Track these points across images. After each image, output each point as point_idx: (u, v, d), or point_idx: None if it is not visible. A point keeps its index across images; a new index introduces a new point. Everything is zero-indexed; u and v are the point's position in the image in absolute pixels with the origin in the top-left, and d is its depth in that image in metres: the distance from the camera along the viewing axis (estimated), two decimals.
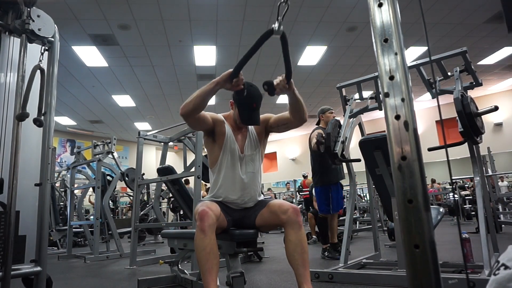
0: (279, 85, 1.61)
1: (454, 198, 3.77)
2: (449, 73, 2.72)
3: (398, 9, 0.80)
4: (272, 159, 15.49)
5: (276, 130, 1.97)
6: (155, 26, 5.92)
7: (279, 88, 1.61)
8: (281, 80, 1.61)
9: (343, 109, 3.16)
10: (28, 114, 1.62)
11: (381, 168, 2.46)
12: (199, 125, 1.85)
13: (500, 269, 0.71)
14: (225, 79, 1.62)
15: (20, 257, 1.81)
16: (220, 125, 1.89)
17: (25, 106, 1.62)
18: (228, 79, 1.62)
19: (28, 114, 1.62)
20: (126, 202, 12.10)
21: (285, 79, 1.60)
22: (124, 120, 11.41)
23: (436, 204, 8.51)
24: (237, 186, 1.85)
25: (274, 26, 1.33)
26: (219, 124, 1.89)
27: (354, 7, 5.67)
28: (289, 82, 1.61)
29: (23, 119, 1.61)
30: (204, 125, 1.84)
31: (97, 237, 4.64)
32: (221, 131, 1.88)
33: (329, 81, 8.76)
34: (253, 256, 3.68)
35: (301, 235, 1.68)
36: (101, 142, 5.22)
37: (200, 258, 1.57)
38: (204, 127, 1.87)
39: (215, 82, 1.64)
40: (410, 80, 0.77)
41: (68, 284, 2.92)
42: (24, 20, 1.72)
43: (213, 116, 1.88)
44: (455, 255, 3.25)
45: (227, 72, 1.62)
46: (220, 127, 1.89)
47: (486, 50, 7.63)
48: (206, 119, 1.82)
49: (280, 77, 1.62)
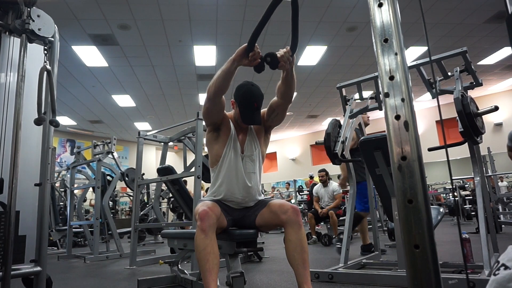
0: (283, 57, 1.51)
1: (454, 198, 3.77)
2: (449, 73, 2.73)
3: (398, 9, 0.80)
4: (272, 159, 15.49)
5: (271, 123, 1.95)
6: (155, 26, 5.92)
7: (283, 61, 1.51)
8: (285, 52, 1.51)
9: (343, 109, 3.16)
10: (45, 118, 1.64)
11: (381, 168, 2.46)
12: (216, 111, 1.81)
13: (500, 269, 0.71)
14: (241, 53, 1.53)
15: (20, 257, 1.81)
16: (227, 121, 1.90)
17: (40, 110, 1.64)
18: (244, 53, 1.52)
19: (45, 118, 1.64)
20: (126, 202, 12.10)
21: (289, 51, 1.49)
22: (124, 120, 11.40)
23: (436, 204, 8.52)
24: (238, 185, 1.85)
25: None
26: (226, 120, 1.90)
27: (354, 7, 5.67)
28: (293, 54, 1.51)
29: (41, 123, 1.63)
30: (218, 114, 1.83)
31: (97, 237, 4.64)
32: (227, 127, 1.89)
33: (329, 81, 8.76)
34: (253, 256, 3.68)
35: (301, 235, 1.68)
36: (101, 142, 5.22)
37: (200, 258, 1.57)
38: (216, 117, 1.85)
39: (232, 60, 1.57)
40: (410, 80, 0.77)
41: (68, 284, 2.92)
42: (24, 20, 1.72)
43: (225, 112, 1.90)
44: (455, 255, 3.25)
45: (242, 47, 1.52)
46: (226, 123, 1.90)
47: (486, 50, 7.63)
48: (222, 109, 1.83)
49: (284, 49, 1.54)
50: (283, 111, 1.86)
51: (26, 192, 1.81)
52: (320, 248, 4.61)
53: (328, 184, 5.51)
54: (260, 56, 1.54)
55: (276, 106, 1.85)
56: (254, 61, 1.54)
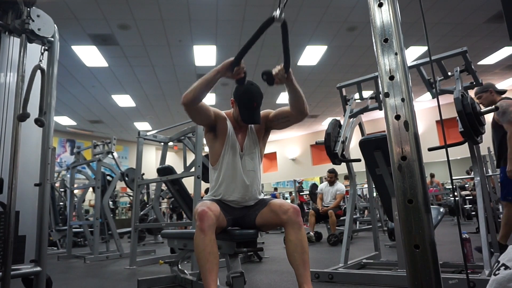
0: (278, 75, 1.61)
1: (454, 198, 3.79)
2: (449, 73, 2.72)
3: (398, 9, 0.80)
4: (272, 159, 15.48)
5: (276, 126, 1.95)
6: (155, 26, 5.92)
7: (277, 78, 1.62)
8: (279, 69, 1.61)
9: (343, 109, 3.16)
10: (29, 114, 1.62)
11: (381, 168, 2.46)
12: (199, 117, 1.83)
13: (500, 269, 0.71)
14: (227, 67, 1.62)
15: (20, 257, 1.81)
16: (223, 121, 1.89)
17: (26, 107, 1.62)
18: (230, 67, 1.61)
19: (29, 114, 1.62)
20: (126, 202, 12.09)
21: (283, 69, 1.60)
22: (124, 120, 11.40)
23: (436, 204, 8.51)
24: (238, 184, 1.85)
25: (275, 13, 1.31)
26: (221, 120, 1.89)
27: (354, 7, 5.66)
28: (287, 72, 1.61)
29: (24, 119, 1.61)
30: (205, 118, 1.83)
31: (97, 237, 4.64)
32: (223, 127, 1.88)
33: (329, 81, 8.75)
34: (253, 256, 3.68)
35: (301, 235, 1.68)
36: (101, 142, 5.21)
37: (200, 258, 1.57)
38: (205, 120, 1.86)
39: (216, 71, 1.64)
40: (410, 80, 0.77)
41: (68, 284, 2.92)
42: (24, 20, 1.72)
43: (215, 111, 1.88)
44: (455, 255, 3.25)
45: (229, 60, 1.62)
46: (222, 123, 1.89)
47: (486, 50, 7.63)
48: (208, 112, 1.81)
49: (278, 66, 1.62)
50: (293, 121, 1.88)
51: (26, 192, 1.81)
52: (320, 248, 4.60)
53: (335, 184, 5.57)
54: (244, 71, 1.66)
55: (289, 115, 1.86)
56: (237, 75, 1.66)
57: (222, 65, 1.63)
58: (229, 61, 1.62)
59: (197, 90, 1.67)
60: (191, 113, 1.78)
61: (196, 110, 1.75)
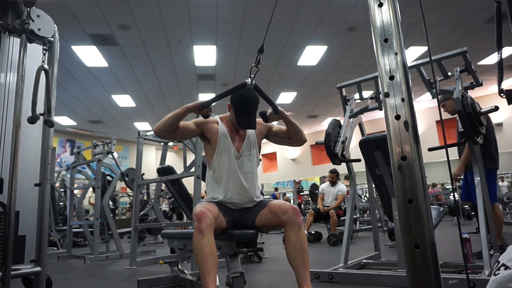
0: (270, 116, 1.90)
1: (454, 198, 3.80)
2: (450, 73, 2.72)
3: (398, 9, 0.80)
4: (272, 159, 15.49)
5: (275, 140, 2.06)
6: (155, 26, 5.92)
7: (270, 118, 1.90)
8: (270, 112, 1.90)
9: (343, 109, 3.16)
10: (39, 116, 1.63)
11: (381, 168, 2.46)
12: (181, 136, 2.00)
13: (500, 269, 0.71)
14: (197, 107, 1.81)
15: (20, 257, 1.81)
16: (210, 128, 1.92)
17: (35, 109, 1.63)
18: (200, 107, 1.81)
19: (39, 116, 1.63)
20: (126, 202, 12.10)
21: (273, 113, 1.88)
22: (124, 120, 11.40)
23: (436, 204, 8.51)
24: (235, 186, 1.85)
25: (248, 81, 1.72)
26: (208, 127, 1.92)
27: (354, 7, 5.66)
28: (277, 113, 1.86)
29: (34, 121, 1.62)
30: (188, 133, 1.95)
31: (97, 237, 4.64)
32: (212, 133, 1.91)
33: (329, 81, 8.75)
34: (253, 256, 3.68)
35: (301, 235, 1.69)
36: (101, 142, 5.21)
37: (198, 258, 1.57)
38: (188, 136, 2.05)
39: (187, 108, 1.80)
40: (410, 80, 0.77)
41: (68, 284, 2.92)
42: (24, 20, 1.72)
43: (196, 121, 1.94)
44: (455, 255, 3.25)
45: (200, 102, 1.82)
46: (210, 130, 1.92)
47: (486, 50, 7.63)
48: (187, 128, 1.90)
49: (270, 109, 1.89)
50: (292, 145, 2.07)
51: (26, 192, 1.81)
52: (320, 248, 4.61)
53: (336, 184, 5.58)
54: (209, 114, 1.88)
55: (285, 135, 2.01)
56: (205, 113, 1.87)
57: (194, 104, 1.81)
58: (200, 103, 1.81)
59: (167, 123, 1.80)
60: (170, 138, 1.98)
61: (173, 134, 1.86)
